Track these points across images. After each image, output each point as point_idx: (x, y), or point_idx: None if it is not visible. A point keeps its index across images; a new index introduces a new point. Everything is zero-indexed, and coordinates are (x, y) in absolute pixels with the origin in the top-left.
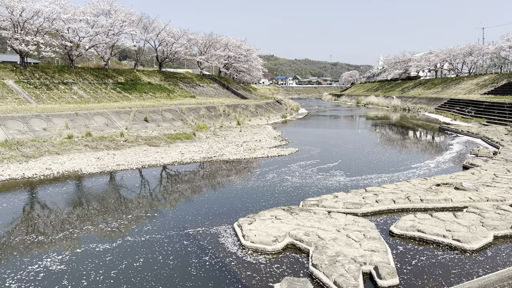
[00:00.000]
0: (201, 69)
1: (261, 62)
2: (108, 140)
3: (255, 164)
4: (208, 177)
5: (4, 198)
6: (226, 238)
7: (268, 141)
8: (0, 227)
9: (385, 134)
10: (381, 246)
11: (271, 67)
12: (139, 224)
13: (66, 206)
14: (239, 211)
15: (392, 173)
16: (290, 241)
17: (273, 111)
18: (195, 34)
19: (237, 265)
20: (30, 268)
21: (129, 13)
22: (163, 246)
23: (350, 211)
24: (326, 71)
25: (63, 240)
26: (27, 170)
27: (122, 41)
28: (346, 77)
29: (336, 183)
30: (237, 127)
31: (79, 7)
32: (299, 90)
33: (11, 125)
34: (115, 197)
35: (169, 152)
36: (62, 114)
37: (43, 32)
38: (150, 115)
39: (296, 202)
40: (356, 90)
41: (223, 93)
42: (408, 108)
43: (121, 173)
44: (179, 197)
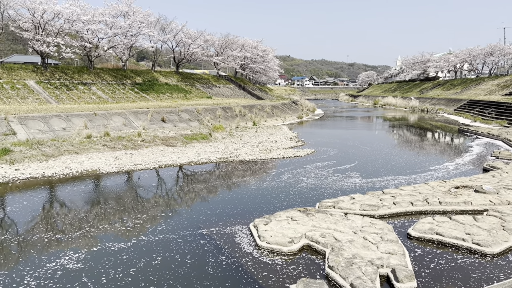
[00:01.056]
0: (218, 70)
1: (277, 63)
2: (126, 140)
3: (270, 165)
4: (224, 177)
5: (25, 196)
6: (242, 238)
7: (284, 142)
8: (20, 225)
9: (403, 135)
10: (399, 248)
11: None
12: (156, 223)
13: (85, 205)
14: (254, 212)
15: (409, 175)
16: (306, 243)
17: (289, 112)
18: (212, 35)
19: (253, 265)
20: (48, 265)
21: (147, 14)
22: (180, 245)
23: (367, 213)
24: (343, 72)
25: (81, 239)
26: (47, 169)
27: (140, 42)
28: (363, 77)
29: (352, 185)
30: (253, 127)
31: (98, 9)
32: (316, 91)
33: (32, 124)
34: (132, 196)
35: (186, 152)
36: (81, 114)
37: (63, 33)
38: (167, 116)
39: (312, 204)
40: (373, 91)
41: (239, 93)
42: (427, 109)
43: (139, 172)
44: (195, 197)
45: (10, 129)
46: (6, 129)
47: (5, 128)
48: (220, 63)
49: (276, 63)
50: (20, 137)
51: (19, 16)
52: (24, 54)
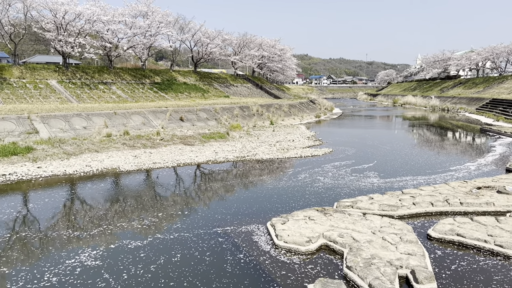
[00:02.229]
0: (235, 69)
1: (295, 62)
2: (145, 138)
3: (288, 164)
4: (241, 176)
5: (46, 194)
6: (259, 237)
7: (301, 141)
8: (41, 222)
9: (423, 135)
10: (418, 249)
11: (305, 66)
12: (175, 221)
13: (105, 202)
14: (271, 211)
15: (429, 176)
16: (324, 242)
17: (307, 111)
18: (230, 34)
19: (271, 264)
20: (68, 261)
21: (166, 14)
22: (199, 243)
23: (386, 213)
24: (362, 70)
25: (101, 236)
26: (68, 167)
27: (159, 42)
28: (382, 76)
29: (369, 185)
30: (270, 126)
31: (118, 9)
32: (334, 90)
33: (54, 123)
34: (151, 194)
35: (204, 151)
36: (101, 113)
37: (84, 33)
38: (185, 115)
39: (329, 203)
40: (392, 90)
41: (257, 92)
42: (447, 108)
43: (157, 171)
44: (212, 195)
45: (33, 127)
46: (29, 128)
47: (28, 126)
48: (237, 62)
49: (294, 62)
50: (43, 135)
51: (42, 17)
52: (46, 54)
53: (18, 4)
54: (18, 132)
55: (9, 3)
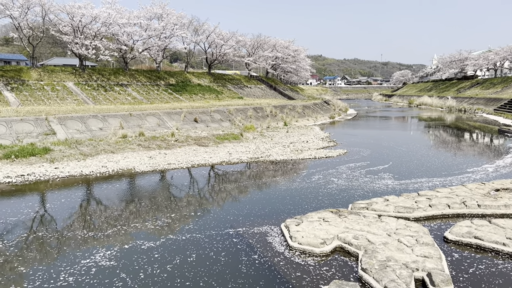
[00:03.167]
0: (249, 70)
1: (309, 63)
2: (159, 139)
3: (302, 165)
4: (255, 177)
5: (63, 194)
6: (273, 238)
7: (315, 142)
8: (58, 222)
9: (439, 136)
10: (435, 252)
11: (319, 67)
12: (190, 222)
13: (120, 203)
14: (285, 212)
15: (445, 177)
16: (338, 244)
17: (321, 112)
18: (244, 36)
19: (285, 265)
20: (83, 262)
21: (180, 16)
22: (213, 243)
23: (401, 215)
24: (376, 71)
25: (117, 236)
26: (85, 168)
27: (173, 44)
28: (397, 76)
29: (384, 187)
30: (284, 128)
31: (133, 12)
32: (348, 91)
33: (71, 124)
34: (166, 195)
35: (217, 152)
36: (117, 115)
37: (100, 36)
38: (199, 116)
39: (343, 205)
40: (408, 90)
41: (270, 94)
42: (464, 109)
43: (172, 171)
44: (226, 196)
45: (50, 129)
46: (46, 129)
47: (46, 128)
48: (251, 63)
49: (308, 63)
50: (60, 136)
51: (59, 20)
52: (63, 56)
53: (37, 8)
54: (36, 133)
55: (28, 6)
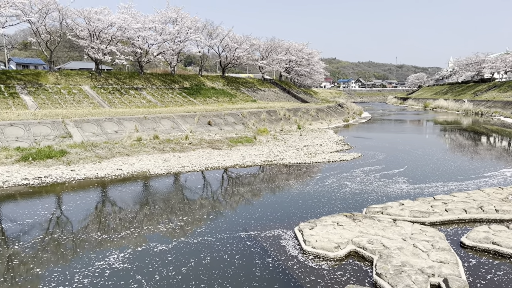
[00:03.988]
0: (263, 73)
1: (322, 66)
2: (174, 142)
3: (315, 169)
4: (268, 180)
5: (78, 196)
6: (287, 241)
7: (329, 146)
8: (73, 223)
9: (456, 139)
10: (451, 257)
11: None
12: (203, 224)
13: (135, 205)
14: (298, 216)
15: (461, 182)
16: (353, 249)
17: (335, 115)
18: (258, 39)
19: (299, 269)
20: (97, 264)
21: (195, 20)
22: (227, 246)
23: (417, 220)
24: (391, 74)
25: (131, 238)
26: (100, 170)
27: (188, 48)
28: (412, 79)
29: (398, 191)
30: (297, 131)
31: (148, 16)
32: (362, 94)
33: (87, 127)
34: (180, 198)
35: (231, 155)
36: (132, 118)
37: (116, 40)
38: (213, 119)
39: (357, 209)
40: (423, 93)
41: (284, 97)
42: (481, 112)
43: (186, 174)
44: (239, 199)
45: (66, 131)
46: (63, 132)
47: (62, 130)
48: (265, 66)
49: (322, 66)
50: (76, 139)
51: (76, 25)
52: (80, 60)
53: (54, 13)
54: (53, 136)
55: (46, 11)
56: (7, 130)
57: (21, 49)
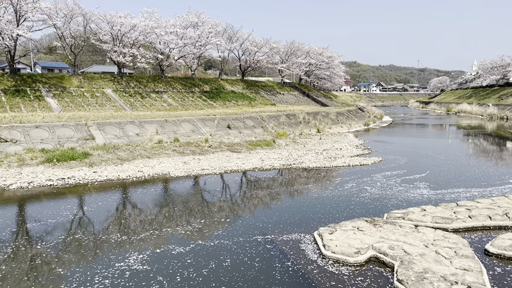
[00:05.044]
0: (282, 77)
1: (343, 69)
2: (193, 145)
3: (335, 173)
4: (287, 184)
5: (100, 197)
6: (306, 245)
7: (349, 150)
8: (95, 224)
9: (480, 144)
10: (475, 265)
11: (353, 73)
12: (223, 227)
13: (154, 207)
14: (318, 220)
15: (484, 188)
16: (373, 254)
17: (355, 119)
18: (277, 43)
19: (319, 274)
20: (118, 265)
21: (215, 24)
22: (247, 249)
23: (439, 226)
24: (413, 77)
25: (151, 240)
26: (122, 172)
27: (208, 52)
28: (435, 83)
29: (419, 196)
30: (317, 134)
31: (170, 21)
32: (383, 97)
33: (109, 130)
34: (199, 200)
35: (250, 158)
36: (153, 121)
37: (138, 44)
38: (232, 122)
39: (376, 214)
40: (446, 97)
41: (303, 100)
42: (507, 117)
43: (205, 177)
44: (258, 202)
45: (89, 134)
46: (86, 134)
47: (85, 133)
48: (284, 70)
49: (342, 69)
50: (98, 141)
51: (100, 29)
52: (103, 64)
53: (79, 17)
54: (76, 138)
55: (71, 16)
56: (32, 132)
57: (47, 53)
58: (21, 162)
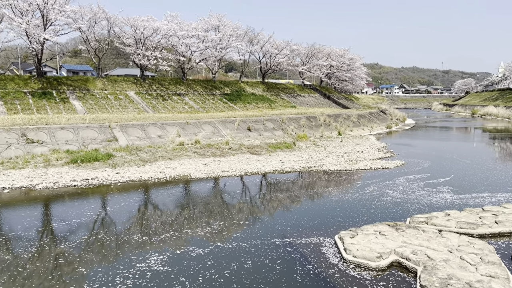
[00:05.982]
0: (303, 79)
1: (364, 71)
2: (214, 147)
3: (356, 176)
4: (307, 187)
5: (122, 198)
6: (327, 249)
7: (371, 153)
8: (117, 225)
9: (507, 148)
10: (502, 272)
11: (375, 75)
12: (243, 229)
13: (175, 208)
14: (338, 223)
15: (511, 193)
16: (395, 259)
17: (377, 121)
18: (298, 45)
19: (340, 278)
20: (139, 265)
21: (236, 27)
22: (267, 252)
23: (464, 231)
24: (437, 79)
25: (173, 241)
26: (144, 173)
27: (229, 54)
28: (459, 85)
29: (442, 201)
30: (337, 137)
31: (192, 24)
32: (406, 100)
33: (131, 132)
34: (218, 202)
35: (270, 160)
36: (175, 123)
37: (160, 47)
38: (252, 125)
39: (397, 219)
40: (471, 100)
41: (324, 102)
42: None
43: (225, 179)
44: (278, 205)
45: (113, 135)
46: (109, 136)
47: (109, 135)
48: (305, 72)
49: (364, 71)
50: (121, 143)
51: (123, 32)
52: (126, 67)
53: (103, 21)
54: (100, 139)
55: (95, 20)
56: (58, 133)
57: (72, 56)
58: (47, 162)
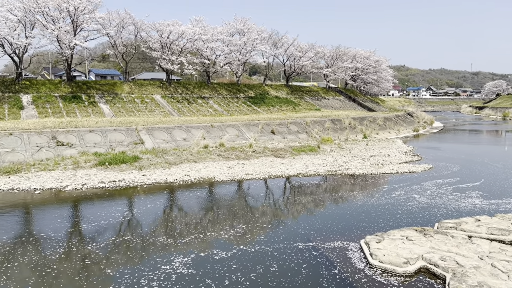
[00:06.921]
0: (327, 81)
1: (390, 73)
2: (238, 150)
3: (382, 180)
4: (332, 190)
5: (148, 200)
6: (352, 253)
7: (397, 156)
8: (143, 227)
9: None
10: None
11: (401, 78)
12: (268, 233)
13: (199, 211)
14: (364, 228)
15: None
16: (423, 265)
17: (404, 124)
18: (323, 47)
19: (367, 283)
20: (164, 267)
21: (261, 30)
22: (292, 255)
23: (495, 238)
24: (466, 81)
25: (198, 243)
26: (169, 176)
27: (253, 58)
28: (490, 87)
29: (471, 206)
30: (363, 140)
31: (217, 28)
32: (434, 102)
33: (157, 135)
34: (242, 205)
35: (294, 163)
36: (199, 126)
37: (186, 51)
38: (276, 128)
39: (424, 224)
40: (502, 102)
41: (349, 105)
42: None
43: (249, 182)
44: (302, 209)
45: (139, 138)
46: (136, 139)
47: (136, 137)
48: (330, 75)
49: (390, 73)
50: (147, 146)
51: (149, 37)
52: (152, 71)
53: (130, 26)
54: (127, 142)
55: (122, 26)
56: (86, 136)
57: (100, 61)
58: (76, 164)
